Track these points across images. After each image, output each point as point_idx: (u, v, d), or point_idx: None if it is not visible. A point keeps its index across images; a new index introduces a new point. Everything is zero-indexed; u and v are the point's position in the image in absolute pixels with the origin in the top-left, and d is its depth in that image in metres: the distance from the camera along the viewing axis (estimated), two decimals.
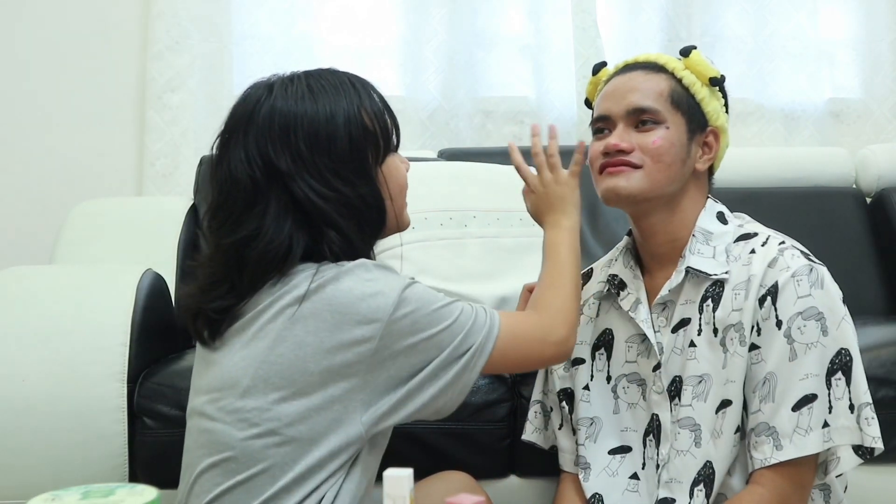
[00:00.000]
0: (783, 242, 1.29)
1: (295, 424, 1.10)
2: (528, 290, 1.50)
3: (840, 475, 1.30)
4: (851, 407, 1.22)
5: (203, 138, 2.47)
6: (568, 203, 1.35)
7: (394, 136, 1.24)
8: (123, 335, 1.54)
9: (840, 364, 1.22)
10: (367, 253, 1.21)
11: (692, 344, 1.31)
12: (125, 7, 2.51)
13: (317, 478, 1.11)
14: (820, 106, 2.72)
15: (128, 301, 1.59)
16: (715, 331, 1.29)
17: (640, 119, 1.32)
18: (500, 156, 2.33)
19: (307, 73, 1.22)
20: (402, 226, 1.28)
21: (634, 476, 1.37)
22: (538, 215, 1.38)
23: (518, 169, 1.39)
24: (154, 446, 1.53)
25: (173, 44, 2.44)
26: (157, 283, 1.72)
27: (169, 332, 1.78)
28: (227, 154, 1.18)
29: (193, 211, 2.23)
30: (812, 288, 1.23)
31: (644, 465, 1.36)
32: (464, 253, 1.99)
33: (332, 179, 1.16)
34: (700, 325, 1.30)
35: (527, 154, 1.38)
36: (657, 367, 1.34)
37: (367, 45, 2.58)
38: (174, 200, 2.30)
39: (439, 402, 1.16)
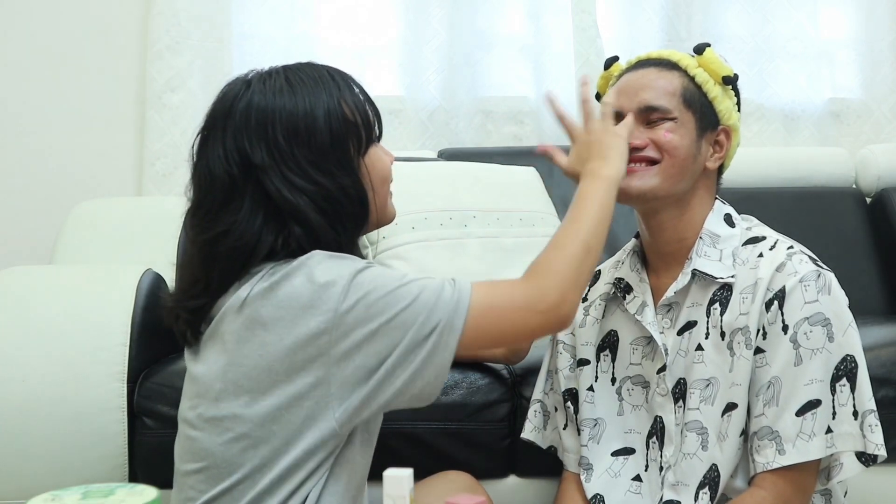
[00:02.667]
0: (791, 247, 1.29)
1: (267, 425, 1.09)
2: None
3: (842, 481, 1.30)
4: (855, 413, 1.22)
5: None
6: (614, 151, 1.26)
7: (376, 127, 1.22)
8: (123, 335, 1.54)
9: (845, 370, 1.22)
10: (349, 248, 1.18)
11: (699, 347, 1.30)
12: (125, 7, 2.50)
13: (296, 478, 1.10)
14: (820, 106, 2.73)
15: (128, 301, 1.59)
16: (722, 334, 1.29)
17: (652, 116, 1.32)
18: (500, 156, 2.33)
19: (285, 67, 1.21)
20: (386, 219, 1.25)
21: (637, 478, 1.36)
22: (577, 166, 1.28)
23: (561, 118, 1.34)
24: (154, 446, 1.53)
25: (173, 44, 2.44)
26: (157, 283, 1.72)
27: (169, 332, 1.78)
28: (205, 152, 1.18)
29: None
30: (819, 294, 1.23)
31: (647, 467, 1.36)
32: (464, 253, 1.99)
33: (311, 171, 1.14)
34: (707, 328, 1.30)
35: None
36: (662, 369, 1.34)
37: (367, 45, 2.58)
38: (174, 200, 2.27)
39: (416, 388, 1.10)
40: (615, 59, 1.45)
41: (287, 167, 1.13)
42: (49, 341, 1.51)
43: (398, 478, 0.91)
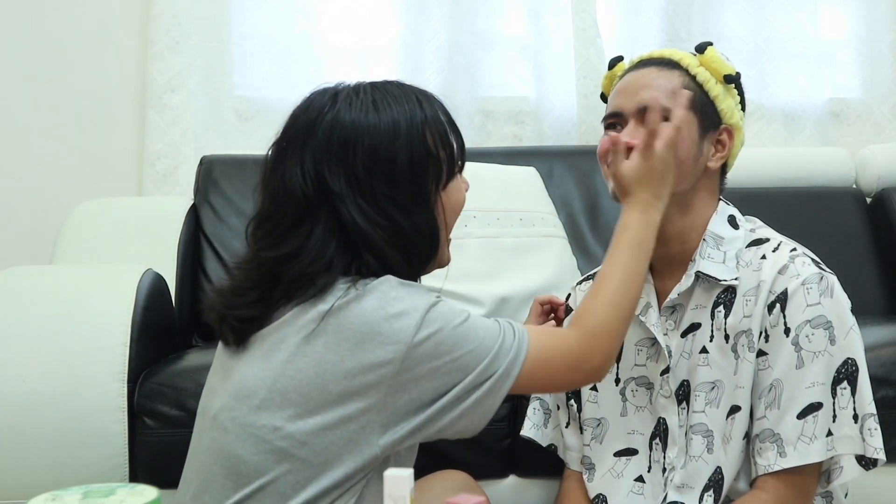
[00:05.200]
0: (794, 249, 1.29)
1: (308, 444, 1.06)
2: (540, 304, 1.48)
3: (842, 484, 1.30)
4: (855, 417, 1.22)
5: (203, 138, 2.47)
6: (667, 191, 1.25)
7: (459, 160, 1.20)
8: (123, 335, 1.54)
9: (846, 373, 1.22)
10: (416, 280, 1.16)
11: (704, 350, 1.30)
12: (125, 7, 2.51)
13: (329, 497, 1.07)
14: (820, 106, 2.72)
15: (128, 301, 1.59)
16: (726, 337, 1.29)
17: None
18: (500, 156, 2.34)
19: (373, 86, 1.17)
20: (442, 262, 1.22)
21: (640, 479, 1.36)
22: (629, 180, 1.24)
23: (653, 132, 1.24)
24: (154, 446, 1.53)
25: (173, 44, 2.44)
26: (157, 283, 1.72)
27: (169, 332, 1.79)
28: (283, 163, 1.14)
29: (193, 211, 2.23)
30: (822, 296, 1.23)
31: (650, 468, 1.36)
32: (464, 253, 1.99)
33: (386, 206, 1.12)
34: (712, 331, 1.30)
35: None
36: (665, 370, 1.34)
37: (367, 45, 2.58)
38: (174, 200, 2.30)
39: (460, 426, 1.11)
40: (619, 58, 1.43)
41: (363, 198, 1.11)
42: (49, 341, 1.51)
43: (398, 478, 0.91)
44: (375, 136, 1.12)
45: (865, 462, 1.23)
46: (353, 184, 1.11)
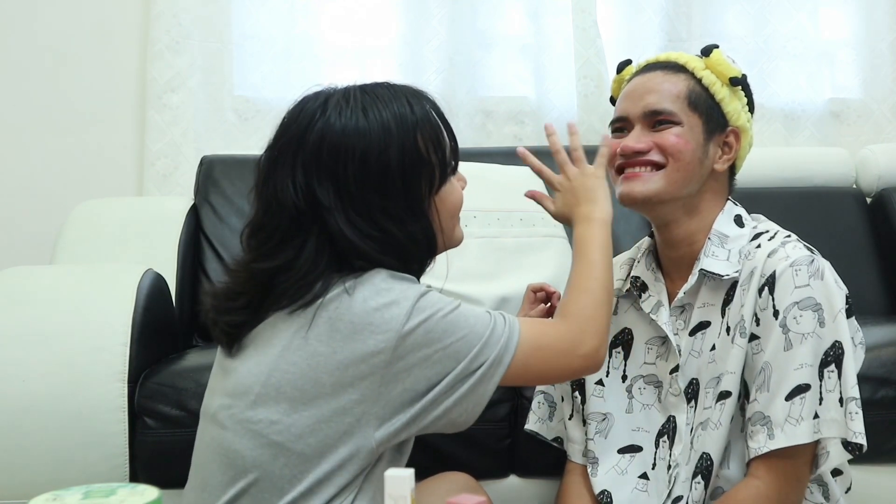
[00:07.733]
0: (789, 236, 1.30)
1: (304, 437, 1.07)
2: (533, 291, 1.49)
3: (842, 474, 1.30)
4: (840, 400, 1.22)
5: (203, 138, 2.47)
6: (598, 193, 1.27)
7: (452, 162, 1.20)
8: (124, 335, 1.54)
9: (834, 356, 1.23)
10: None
11: (714, 348, 1.31)
12: (125, 7, 2.51)
13: (325, 492, 1.08)
14: (820, 106, 2.72)
15: (128, 301, 1.59)
16: (728, 329, 1.29)
17: (657, 120, 1.32)
18: (500, 156, 2.33)
19: (363, 90, 1.17)
20: (453, 244, 1.23)
21: (644, 476, 1.37)
22: (567, 211, 1.30)
23: (539, 172, 1.34)
24: (155, 446, 1.53)
25: (173, 44, 2.44)
26: (157, 283, 1.72)
27: (169, 332, 1.79)
28: (275, 174, 1.14)
29: (193, 211, 2.23)
30: (811, 279, 1.23)
31: (654, 465, 1.36)
32: (464, 253, 1.98)
33: (379, 217, 1.12)
34: (720, 328, 1.31)
35: (541, 155, 1.37)
36: (675, 369, 1.34)
37: (367, 45, 2.58)
38: (174, 200, 2.30)
39: (453, 415, 1.11)
40: (628, 62, 1.45)
41: (354, 210, 1.11)
42: (49, 341, 1.51)
43: (399, 478, 0.91)
44: (366, 150, 1.12)
45: (851, 448, 1.22)
46: (344, 196, 1.11)
